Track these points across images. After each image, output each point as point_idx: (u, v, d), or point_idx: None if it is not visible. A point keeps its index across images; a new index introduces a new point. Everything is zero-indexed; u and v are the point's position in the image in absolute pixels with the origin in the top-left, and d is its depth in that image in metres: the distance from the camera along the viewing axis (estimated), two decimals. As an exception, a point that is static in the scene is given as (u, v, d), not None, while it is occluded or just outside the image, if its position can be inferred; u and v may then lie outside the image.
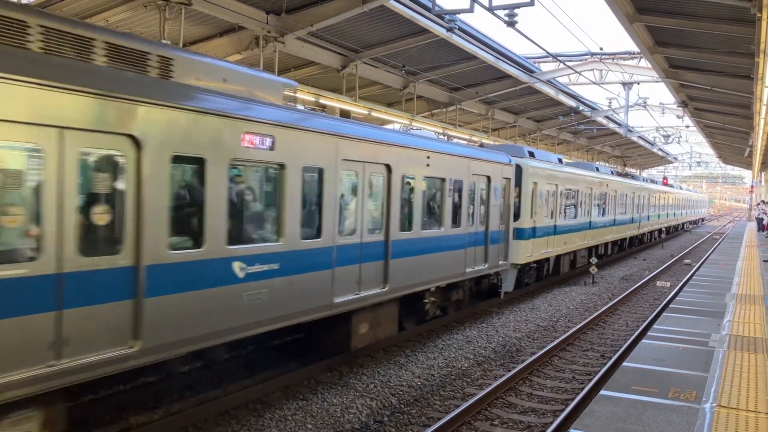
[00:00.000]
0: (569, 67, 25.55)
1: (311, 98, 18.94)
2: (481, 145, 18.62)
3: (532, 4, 12.74)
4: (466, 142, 22.69)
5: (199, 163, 7.48)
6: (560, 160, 22.35)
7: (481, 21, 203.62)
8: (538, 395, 10.31)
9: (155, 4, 13.71)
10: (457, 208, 13.69)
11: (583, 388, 10.37)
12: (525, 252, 17.92)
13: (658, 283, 22.73)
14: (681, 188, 59.12)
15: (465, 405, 9.06)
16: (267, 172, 8.87)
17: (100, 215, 6.51)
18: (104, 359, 6.46)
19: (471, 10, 13.14)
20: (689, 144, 61.26)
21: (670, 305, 13.56)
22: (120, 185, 6.65)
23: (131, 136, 6.63)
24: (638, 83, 29.44)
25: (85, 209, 6.35)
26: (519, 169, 17.49)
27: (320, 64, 19.47)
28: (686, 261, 30.98)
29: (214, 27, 16.17)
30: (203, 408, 8.48)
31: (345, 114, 11.96)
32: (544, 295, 19.45)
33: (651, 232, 39.14)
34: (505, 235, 16.29)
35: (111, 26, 14.63)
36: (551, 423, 8.81)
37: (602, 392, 7.24)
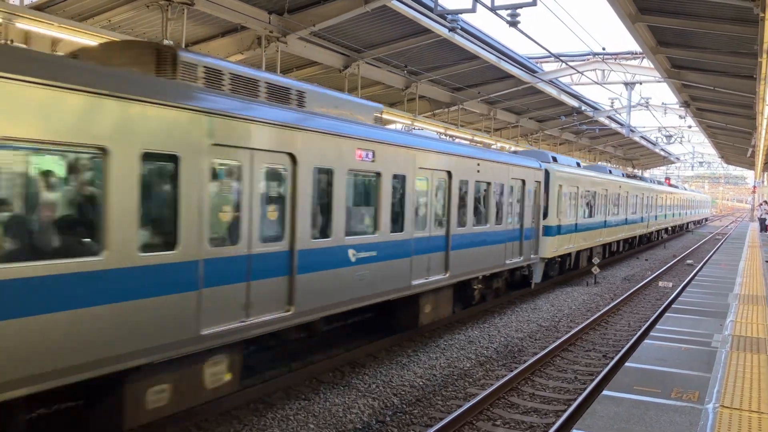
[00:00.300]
0: (571, 67, 25.55)
1: (388, 117, 21.47)
2: (515, 152, 21.08)
3: (534, 4, 12.74)
4: (501, 149, 26.17)
5: (329, 173, 9.60)
6: (578, 164, 24.28)
7: (483, 21, 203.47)
8: (540, 395, 10.30)
9: (158, 4, 13.73)
10: (499, 208, 15.62)
11: (585, 389, 10.35)
12: (552, 247, 19.68)
13: (661, 284, 22.71)
14: (685, 189, 62.44)
15: (467, 405, 9.06)
16: (366, 178, 10.83)
17: (271, 212, 8.69)
18: (272, 319, 8.61)
19: (473, 10, 13.16)
20: (691, 144, 61.27)
21: (673, 305, 13.54)
22: (282, 191, 8.83)
23: (290, 154, 8.84)
24: (640, 83, 29.45)
25: (264, 208, 8.52)
26: (547, 174, 19.23)
27: (322, 64, 19.48)
28: (688, 261, 30.94)
29: (217, 27, 16.19)
30: (205, 407, 8.47)
31: None
32: (546, 295, 19.44)
33: (658, 231, 41.46)
34: (535, 232, 18.26)
35: (113, 26, 14.65)
36: (553, 423, 8.80)
37: (605, 392, 7.23)
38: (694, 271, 24.77)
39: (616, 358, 12.08)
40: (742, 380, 7.64)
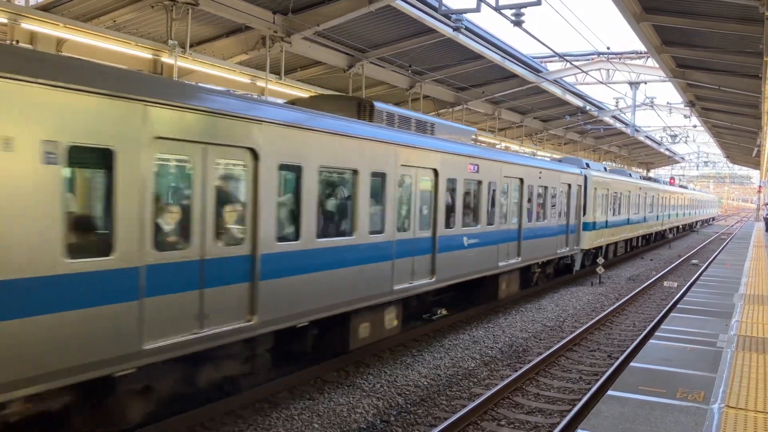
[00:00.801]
0: (576, 67, 25.51)
1: (483, 139, 24.91)
2: (559, 160, 24.51)
3: (538, 3, 12.72)
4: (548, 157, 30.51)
5: (453, 182, 13.11)
6: (605, 169, 28.07)
7: (487, 20, 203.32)
8: (545, 395, 10.29)
9: (162, 5, 13.75)
10: (553, 207, 19.09)
11: (590, 389, 10.34)
12: (589, 240, 23.11)
13: (666, 284, 22.65)
14: (694, 190, 66.73)
15: (472, 405, 9.05)
16: (474, 185, 14.19)
17: (425, 213, 12.32)
18: (420, 284, 12.18)
19: (477, 9, 13.14)
20: (696, 144, 61.13)
21: (678, 305, 13.51)
22: (431, 197, 12.47)
23: (434, 170, 12.40)
24: (645, 83, 29.38)
25: (423, 209, 12.26)
26: (585, 178, 22.41)
27: (327, 64, 19.48)
28: (693, 261, 30.87)
29: (221, 27, 16.20)
30: (210, 407, 8.49)
31: None
32: (551, 295, 19.41)
33: (671, 228, 45.11)
34: (577, 227, 21.55)
35: (118, 26, 14.68)
36: (558, 423, 8.79)
37: (609, 392, 7.22)
38: (700, 271, 24.72)
39: (621, 358, 12.05)
40: (748, 380, 7.62)
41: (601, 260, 23.34)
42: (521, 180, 16.43)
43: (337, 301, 9.75)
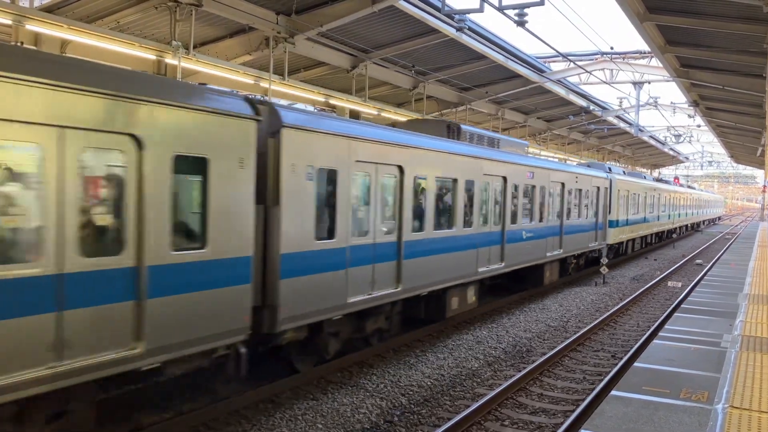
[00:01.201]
0: (580, 67, 25.47)
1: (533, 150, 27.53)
2: (588, 165, 26.67)
3: (542, 3, 12.71)
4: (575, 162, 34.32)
5: (516, 187, 16.24)
6: (624, 172, 30.61)
7: (490, 21, 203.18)
8: (548, 396, 10.29)
9: (166, 6, 13.78)
10: (586, 207, 22.38)
11: (593, 389, 10.33)
12: (613, 236, 26.21)
13: (670, 284, 22.61)
14: (702, 190, 70.86)
15: (475, 405, 9.05)
16: (530, 188, 17.43)
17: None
18: (494, 268, 15.24)
19: (481, 9, 13.13)
20: (700, 143, 60.97)
21: (682, 305, 13.48)
22: (499, 198, 15.50)
23: (504, 177, 15.52)
24: (649, 83, 29.31)
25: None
26: (611, 181, 25.50)
27: (330, 65, 19.50)
28: (698, 261, 30.80)
29: (224, 28, 16.22)
30: (214, 407, 8.51)
31: (355, 115, 12.03)
32: (555, 295, 19.40)
33: (681, 227, 48.73)
34: (604, 224, 24.76)
35: (122, 27, 14.72)
36: (562, 423, 8.79)
37: (613, 392, 7.21)
38: (704, 271, 24.66)
39: (625, 358, 12.04)
40: (752, 380, 7.60)
41: (604, 260, 23.32)
42: (563, 184, 19.89)
43: (442, 278, 12.92)
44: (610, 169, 26.85)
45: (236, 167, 7.92)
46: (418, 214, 12.01)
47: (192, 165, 7.47)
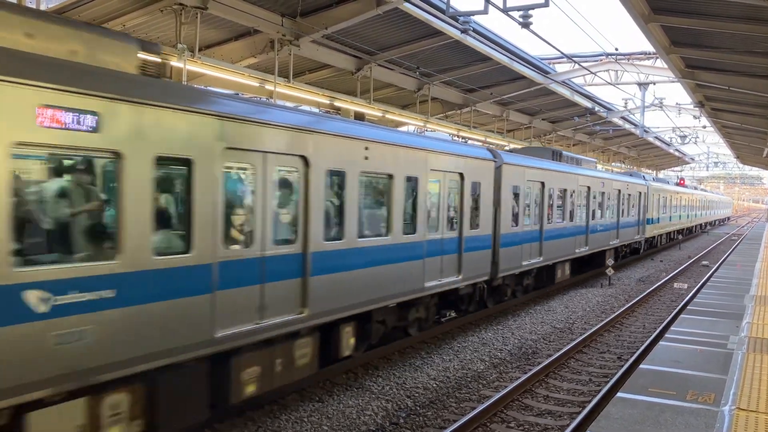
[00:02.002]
0: (584, 68, 25.43)
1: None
2: (630, 174, 32.41)
3: (546, 5, 12.71)
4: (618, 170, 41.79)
5: (599, 194, 22.43)
6: (653, 179, 37.85)
7: (495, 22, 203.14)
8: (554, 397, 10.27)
9: (171, 9, 13.81)
10: (630, 208, 27.73)
11: (599, 391, 10.31)
12: (649, 232, 32.36)
13: (676, 285, 22.55)
14: (714, 192, 78.99)
15: (481, 407, 9.05)
16: (601, 195, 21.91)
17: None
18: (584, 251, 21.85)
19: (485, 11, 13.13)
20: (706, 144, 60.77)
21: (688, 307, 13.45)
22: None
23: (588, 187, 21.80)
24: (654, 83, 29.23)
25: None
26: (647, 187, 31.35)
27: (335, 67, 19.51)
28: (704, 262, 30.71)
29: (230, 31, 16.26)
30: (219, 409, 8.51)
31: (359, 117, 11.98)
32: (560, 297, 19.36)
33: (697, 225, 55.82)
34: (644, 222, 30.58)
35: (128, 30, 14.76)
36: (567, 425, 8.78)
37: (619, 394, 7.20)
38: (710, 273, 24.59)
39: (631, 360, 12.01)
40: (759, 382, 7.58)
41: (610, 261, 23.28)
42: (619, 191, 25.77)
43: (560, 254, 19.12)
44: (644, 177, 33.96)
45: (489, 184, 14.57)
46: (560, 210, 19.59)
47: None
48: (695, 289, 20.95)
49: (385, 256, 10.64)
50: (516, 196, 16.15)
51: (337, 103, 18.95)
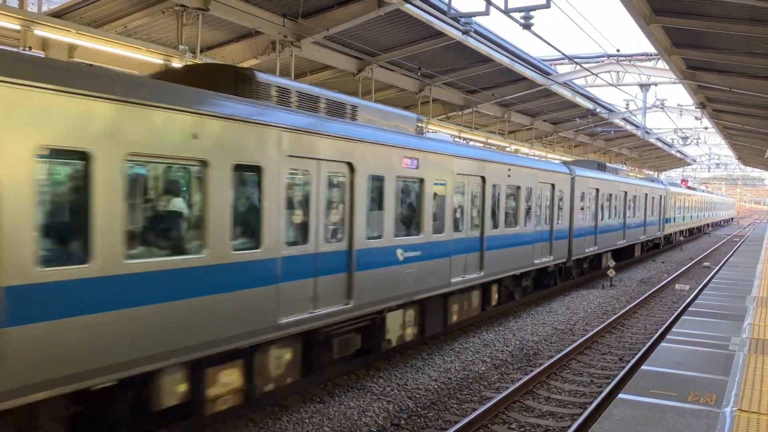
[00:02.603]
0: (586, 69, 25.45)
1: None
2: (652, 181, 37.10)
3: (547, 6, 12.71)
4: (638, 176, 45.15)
5: (630, 198, 27.53)
6: (671, 184, 42.19)
7: (496, 23, 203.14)
8: (556, 399, 10.26)
9: (173, 10, 13.84)
10: (653, 209, 32.27)
11: (601, 392, 10.30)
12: (668, 230, 37.31)
13: (677, 286, 22.53)
14: (719, 195, 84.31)
15: (482, 408, 9.04)
16: (634, 197, 27.47)
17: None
18: (622, 244, 26.44)
19: (486, 12, 13.14)
20: (708, 145, 60.71)
21: (689, 308, 13.45)
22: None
23: (625, 192, 26.47)
24: (656, 85, 29.22)
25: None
26: (667, 191, 36.41)
27: (336, 68, 19.54)
28: (705, 264, 30.68)
29: (231, 32, 16.28)
30: (220, 411, 8.51)
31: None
32: (562, 298, 19.36)
33: (706, 224, 61.63)
34: (663, 221, 35.34)
35: (129, 32, 14.79)
36: (569, 427, 8.77)
37: (621, 395, 7.20)
38: (711, 274, 24.56)
39: (633, 361, 12.00)
40: (761, 384, 7.58)
41: (611, 263, 23.27)
42: (646, 194, 30.29)
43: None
44: (662, 182, 39.46)
45: (567, 191, 19.04)
46: (608, 210, 23.72)
47: (550, 190, 18.03)
48: (697, 290, 20.93)
49: (515, 241, 15.44)
50: (581, 199, 20.66)
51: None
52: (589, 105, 31.22)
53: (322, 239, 9.07)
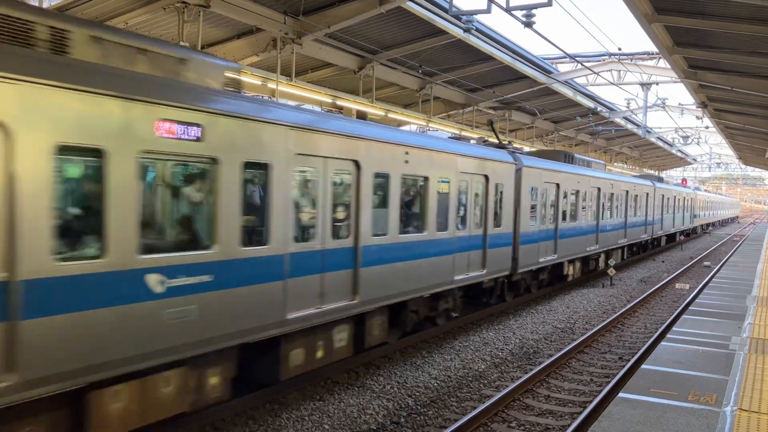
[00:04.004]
0: (587, 68, 25.41)
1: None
2: (685, 186, 45.16)
3: (549, 4, 12.69)
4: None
5: (674, 199, 39.91)
6: (695, 188, 53.80)
7: (498, 22, 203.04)
8: (555, 397, 10.26)
9: (174, 7, 13.81)
10: (688, 208, 42.83)
11: (601, 391, 10.30)
12: (696, 222, 48.18)
13: (677, 286, 22.52)
14: (726, 195, 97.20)
15: (482, 407, 9.04)
16: (663, 198, 35.38)
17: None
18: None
19: (488, 10, 13.11)
20: (709, 145, 60.67)
21: (690, 308, 13.44)
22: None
23: (662, 195, 35.29)
24: (657, 84, 29.20)
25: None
26: (695, 195, 46.13)
27: (337, 66, 19.51)
28: (706, 263, 30.67)
29: (232, 29, 16.26)
30: (221, 408, 8.52)
31: (361, 116, 11.93)
32: (562, 297, 19.35)
33: (716, 221, 72.64)
34: (692, 217, 43.68)
35: (130, 28, 14.77)
36: (569, 425, 8.77)
37: (620, 395, 7.20)
38: (712, 273, 24.55)
39: (633, 360, 12.00)
40: (761, 383, 7.57)
41: (612, 262, 23.26)
42: (684, 198, 37.40)
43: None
44: (691, 187, 48.76)
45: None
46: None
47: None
48: (697, 289, 20.93)
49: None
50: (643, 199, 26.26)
51: (340, 102, 18.95)
52: (590, 104, 31.18)
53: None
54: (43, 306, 5.61)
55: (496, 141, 17.82)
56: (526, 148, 32.67)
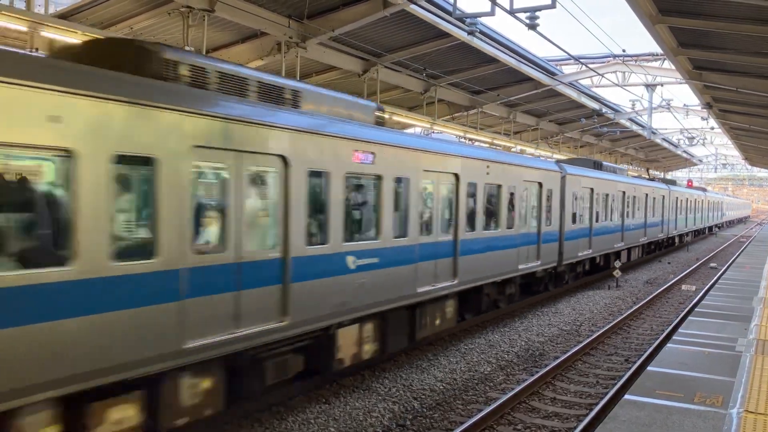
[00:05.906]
0: (591, 70, 25.40)
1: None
2: (700, 189, 48.38)
3: (553, 6, 12.71)
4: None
5: (709, 204, 51.68)
6: (707, 191, 56.53)
7: (502, 24, 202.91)
8: (561, 400, 10.24)
9: (179, 12, 13.88)
10: (717, 209, 57.48)
11: (607, 393, 10.28)
12: (709, 222, 53.81)
13: (683, 287, 22.46)
14: (737, 197, 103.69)
15: (488, 409, 9.04)
16: (688, 202, 41.33)
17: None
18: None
19: (492, 13, 13.15)
20: (714, 146, 60.57)
21: (696, 309, 13.41)
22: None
23: (694, 200, 44.44)
24: (662, 85, 29.18)
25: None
26: (705, 196, 49.50)
27: (342, 69, 19.56)
28: (712, 264, 30.58)
29: (237, 33, 16.32)
30: (226, 411, 8.53)
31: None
32: (567, 299, 19.32)
33: (727, 222, 77.07)
34: (707, 217, 49.82)
35: (136, 33, 14.84)
36: (575, 428, 8.76)
37: (626, 397, 7.19)
38: (718, 275, 24.48)
39: (638, 362, 11.96)
40: (767, 385, 7.55)
41: (617, 263, 23.22)
42: (716, 202, 48.23)
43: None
44: (720, 193, 53.33)
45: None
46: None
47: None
48: (703, 291, 20.86)
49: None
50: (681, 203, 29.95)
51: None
52: (595, 105, 31.17)
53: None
54: (297, 274, 8.37)
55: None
56: (529, 150, 32.65)
